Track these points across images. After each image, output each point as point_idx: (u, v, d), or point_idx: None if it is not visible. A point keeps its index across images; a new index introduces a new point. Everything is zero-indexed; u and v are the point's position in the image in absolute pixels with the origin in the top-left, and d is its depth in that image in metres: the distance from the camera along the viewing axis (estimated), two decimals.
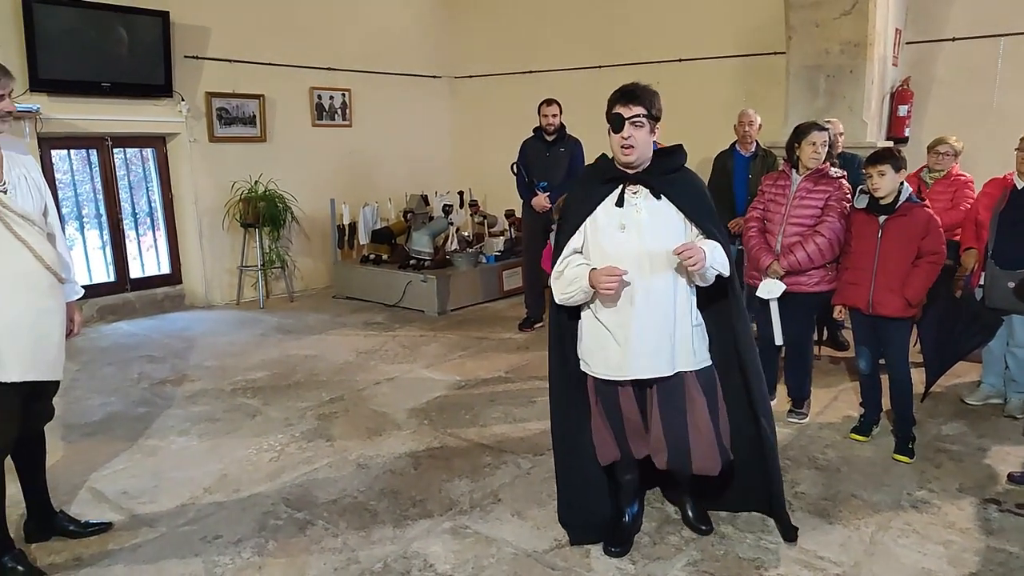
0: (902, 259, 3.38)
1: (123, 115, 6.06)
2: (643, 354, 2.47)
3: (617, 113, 2.40)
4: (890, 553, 2.74)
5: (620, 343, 2.49)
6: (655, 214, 2.46)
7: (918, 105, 6.01)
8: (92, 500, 3.18)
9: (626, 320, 2.47)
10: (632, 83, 2.45)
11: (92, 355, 5.25)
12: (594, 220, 2.49)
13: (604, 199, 2.48)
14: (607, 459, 2.71)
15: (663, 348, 2.48)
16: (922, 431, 3.77)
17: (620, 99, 2.41)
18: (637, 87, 2.43)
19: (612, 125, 2.41)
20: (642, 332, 2.46)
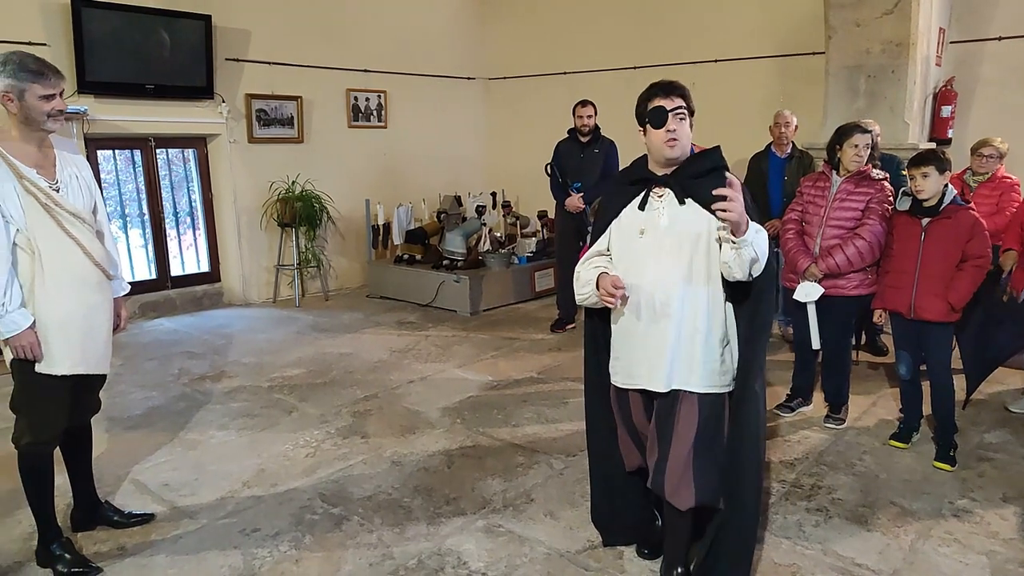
0: (946, 262, 3.32)
1: (166, 116, 6.21)
2: (644, 363, 2.37)
3: (659, 107, 2.25)
4: (930, 562, 2.68)
5: (629, 350, 2.43)
6: (676, 220, 2.29)
7: (962, 106, 5.87)
8: (135, 491, 3.27)
9: (633, 328, 2.39)
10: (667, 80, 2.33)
11: (135, 350, 5.39)
12: (619, 223, 2.41)
13: (631, 201, 2.39)
14: (632, 465, 2.64)
15: (660, 362, 2.32)
16: (964, 439, 3.69)
17: (659, 92, 2.28)
18: (672, 80, 2.32)
19: (653, 120, 2.25)
20: (645, 342, 2.35)
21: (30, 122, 2.44)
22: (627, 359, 2.44)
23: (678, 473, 2.33)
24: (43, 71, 2.44)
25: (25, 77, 2.39)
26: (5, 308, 2.39)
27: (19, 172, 2.41)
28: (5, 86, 2.39)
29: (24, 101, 2.40)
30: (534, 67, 8.33)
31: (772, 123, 5.19)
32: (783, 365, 4.75)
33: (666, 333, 2.31)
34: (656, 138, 2.27)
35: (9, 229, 2.40)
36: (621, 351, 2.47)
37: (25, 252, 2.45)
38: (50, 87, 2.43)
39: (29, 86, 2.39)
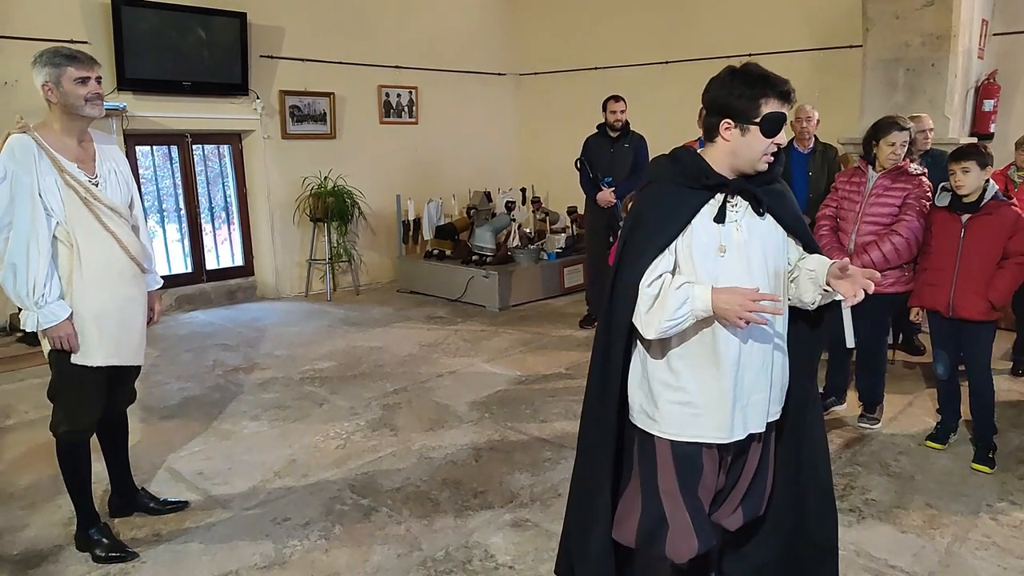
0: (986, 260, 3.23)
1: (202, 113, 6.31)
2: (752, 407, 1.95)
3: (782, 114, 1.84)
4: (967, 565, 2.62)
5: (722, 395, 1.91)
6: (754, 233, 1.92)
7: (1005, 100, 5.71)
8: (170, 480, 3.34)
9: (730, 367, 1.90)
10: (779, 76, 1.88)
11: (171, 342, 5.50)
12: (691, 237, 1.89)
13: (700, 211, 1.90)
14: (687, 553, 1.97)
15: (761, 406, 1.97)
16: (1004, 440, 3.59)
17: (779, 96, 1.84)
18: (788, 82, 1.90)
19: (769, 127, 1.83)
20: (755, 380, 1.94)
21: (69, 110, 2.50)
22: (722, 406, 1.91)
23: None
24: (76, 55, 2.50)
25: (60, 61, 2.46)
26: (44, 299, 2.45)
27: (60, 166, 2.47)
28: (44, 76, 2.46)
29: (62, 87, 2.46)
30: (564, 62, 8.30)
31: (793, 118, 5.10)
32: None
33: (768, 363, 1.96)
34: (760, 146, 1.85)
35: (50, 222, 2.46)
36: (698, 395, 1.91)
37: (64, 245, 2.51)
38: (84, 69, 2.49)
39: (65, 70, 2.45)
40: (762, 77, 1.84)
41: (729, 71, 1.88)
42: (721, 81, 1.88)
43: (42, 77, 2.47)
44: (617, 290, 1.95)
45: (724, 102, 1.86)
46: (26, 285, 2.44)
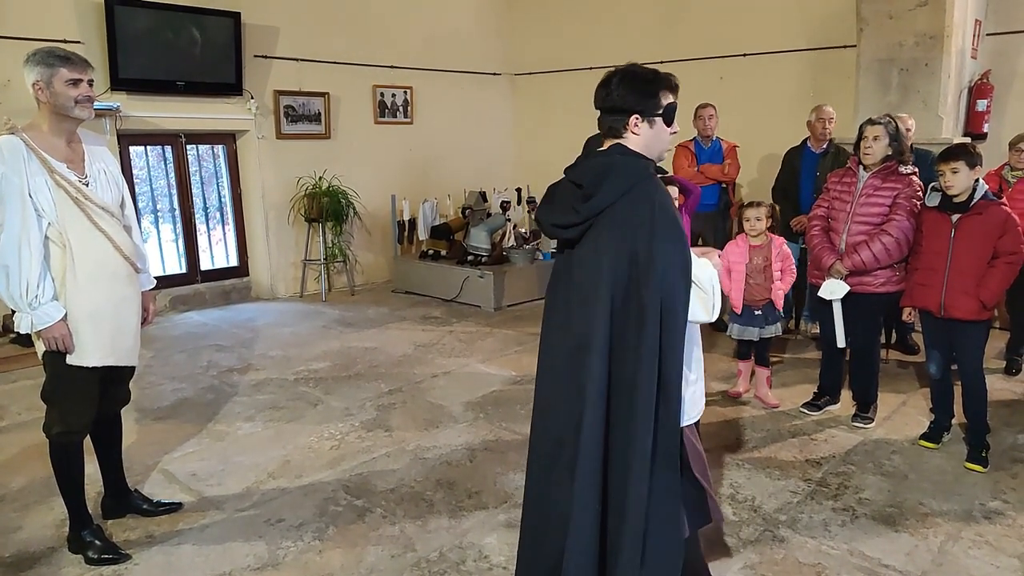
0: (976, 259, 3.24)
1: (196, 113, 6.30)
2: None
3: (676, 103, 2.05)
4: (959, 564, 2.63)
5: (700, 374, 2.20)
6: None
7: (998, 100, 5.74)
8: (164, 481, 3.33)
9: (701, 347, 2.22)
10: (670, 72, 2.07)
11: (165, 343, 5.49)
12: None
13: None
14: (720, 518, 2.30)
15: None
16: (998, 440, 3.61)
17: (676, 90, 2.06)
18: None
19: (670, 116, 2.04)
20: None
21: (59, 110, 2.49)
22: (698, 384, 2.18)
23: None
24: (70, 56, 2.50)
25: (53, 62, 2.46)
26: (38, 300, 2.45)
27: (50, 166, 2.46)
28: (36, 75, 2.46)
29: (53, 88, 2.46)
30: (559, 62, 8.30)
31: (814, 118, 5.08)
32: (810, 363, 4.69)
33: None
34: (665, 134, 2.05)
35: (41, 223, 2.45)
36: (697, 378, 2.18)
37: (56, 245, 2.50)
38: (77, 72, 2.48)
39: (57, 70, 2.45)
40: (655, 73, 2.02)
41: (620, 74, 2.01)
42: (617, 83, 2.00)
43: (33, 76, 2.46)
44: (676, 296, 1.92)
45: (627, 100, 1.99)
46: (19, 286, 2.43)
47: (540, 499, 2.13)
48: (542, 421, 2.15)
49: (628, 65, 2.04)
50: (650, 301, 1.88)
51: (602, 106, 2.04)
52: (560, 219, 2.03)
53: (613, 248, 1.92)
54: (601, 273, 1.93)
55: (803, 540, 2.79)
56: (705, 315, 2.00)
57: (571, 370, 2.01)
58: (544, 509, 2.11)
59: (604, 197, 1.92)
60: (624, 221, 1.92)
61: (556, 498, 2.04)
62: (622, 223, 1.92)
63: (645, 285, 1.89)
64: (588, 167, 2.02)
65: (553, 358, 2.12)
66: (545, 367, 2.16)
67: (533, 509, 2.17)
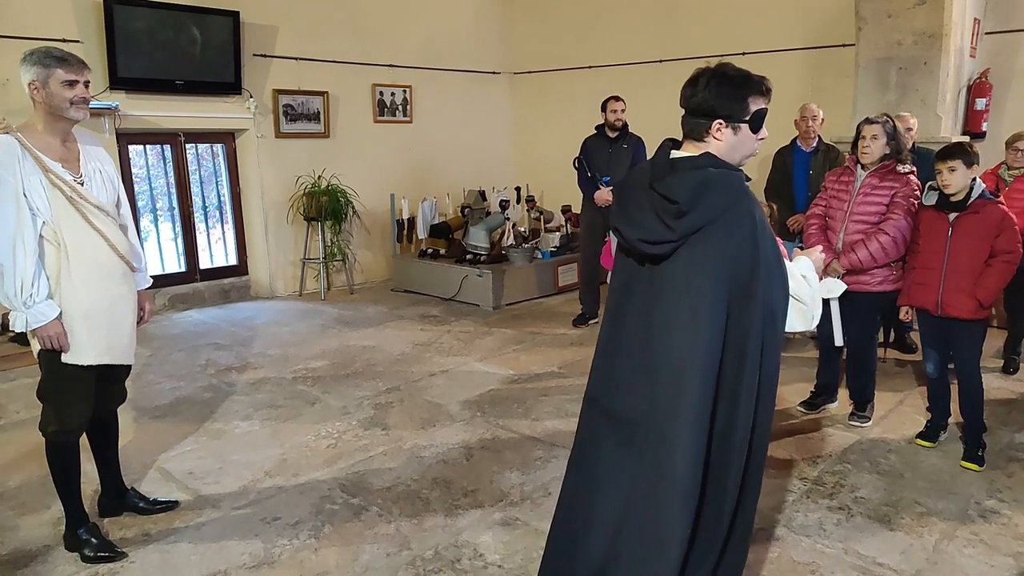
0: (974, 258, 3.24)
1: (195, 112, 6.30)
2: None
3: (765, 109, 1.97)
4: (954, 563, 2.63)
5: None
6: None
7: (997, 99, 5.73)
8: (161, 479, 3.34)
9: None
10: (757, 74, 1.99)
11: (163, 342, 5.50)
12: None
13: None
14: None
15: None
16: (994, 438, 3.61)
17: (767, 94, 1.96)
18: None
19: (757, 123, 1.95)
20: None
21: (54, 110, 2.49)
22: None
23: None
24: (67, 57, 2.50)
25: (50, 63, 2.46)
26: (33, 299, 2.45)
27: (45, 165, 2.46)
28: (32, 75, 2.46)
29: (48, 88, 2.46)
30: (559, 61, 8.30)
31: (798, 116, 5.10)
32: (808, 362, 4.69)
33: None
34: (750, 142, 1.96)
35: (36, 221, 2.46)
36: None
37: (51, 244, 2.50)
38: (73, 73, 2.48)
39: (53, 71, 2.45)
40: (745, 77, 1.92)
41: (709, 74, 1.92)
42: (704, 84, 1.92)
43: (30, 76, 2.47)
44: (777, 308, 1.92)
45: (712, 104, 1.90)
46: (14, 285, 2.43)
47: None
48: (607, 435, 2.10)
49: (719, 64, 1.94)
50: (754, 321, 1.85)
51: (686, 106, 1.95)
52: (649, 235, 1.86)
53: (714, 268, 1.83)
54: (701, 293, 1.83)
55: (798, 539, 2.80)
56: (803, 325, 2.02)
57: (651, 388, 1.92)
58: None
59: (703, 214, 1.81)
60: (725, 241, 1.83)
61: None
62: (722, 243, 1.83)
63: (747, 306, 1.85)
64: (682, 181, 1.86)
65: (623, 374, 2.04)
66: (608, 378, 2.10)
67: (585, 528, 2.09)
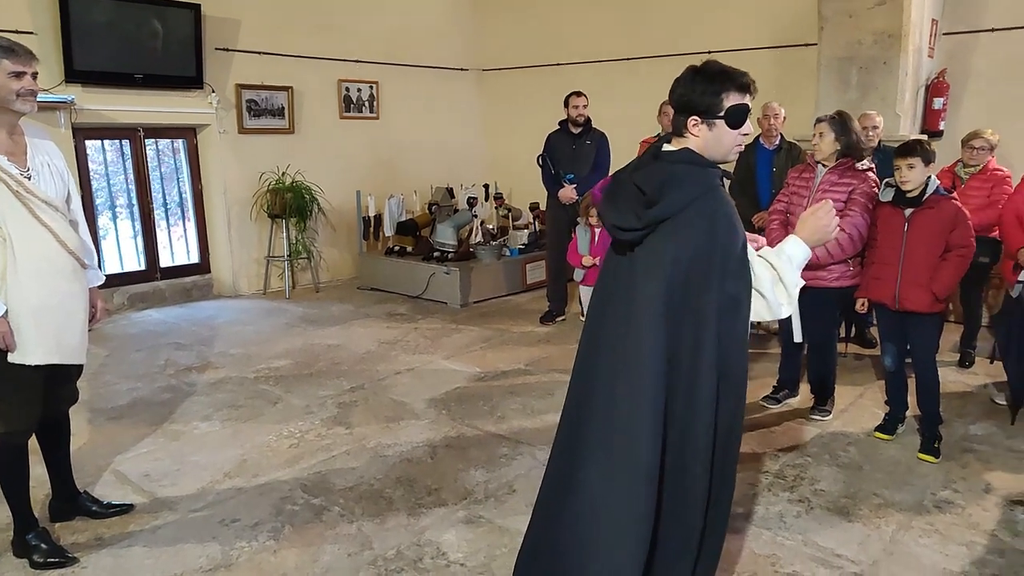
0: (929, 253, 3.30)
1: (155, 106, 6.17)
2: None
3: (745, 105, 1.97)
4: (910, 553, 2.68)
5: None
6: None
7: (954, 98, 5.85)
8: (115, 482, 3.25)
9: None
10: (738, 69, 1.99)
11: (121, 341, 5.37)
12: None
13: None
14: None
15: None
16: (950, 430, 3.68)
17: (740, 88, 1.95)
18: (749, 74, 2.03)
19: (734, 118, 1.94)
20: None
21: (0, 103, 2.41)
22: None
23: None
24: (14, 48, 2.42)
25: None
26: None
27: None
28: None
29: None
30: (527, 58, 8.29)
31: (760, 115, 5.15)
32: (771, 357, 4.74)
33: None
34: (728, 138, 1.97)
35: None
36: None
37: None
38: (21, 64, 2.40)
39: (0, 62, 2.37)
40: (721, 72, 1.95)
41: (691, 70, 1.98)
42: (684, 80, 1.98)
43: None
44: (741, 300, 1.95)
45: (688, 100, 1.96)
46: None
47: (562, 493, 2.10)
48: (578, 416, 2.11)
49: (705, 62, 1.99)
50: (708, 309, 1.89)
51: (671, 102, 2.02)
52: (622, 222, 1.96)
53: (672, 258, 1.89)
54: (659, 281, 1.89)
55: (759, 531, 2.82)
56: (768, 314, 2.01)
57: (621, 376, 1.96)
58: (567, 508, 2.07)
59: (667, 208, 1.88)
60: (686, 231, 1.89)
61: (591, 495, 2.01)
62: (685, 233, 1.89)
63: (704, 295, 1.89)
64: (653, 172, 1.96)
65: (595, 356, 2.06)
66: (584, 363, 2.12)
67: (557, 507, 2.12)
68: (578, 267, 4.51)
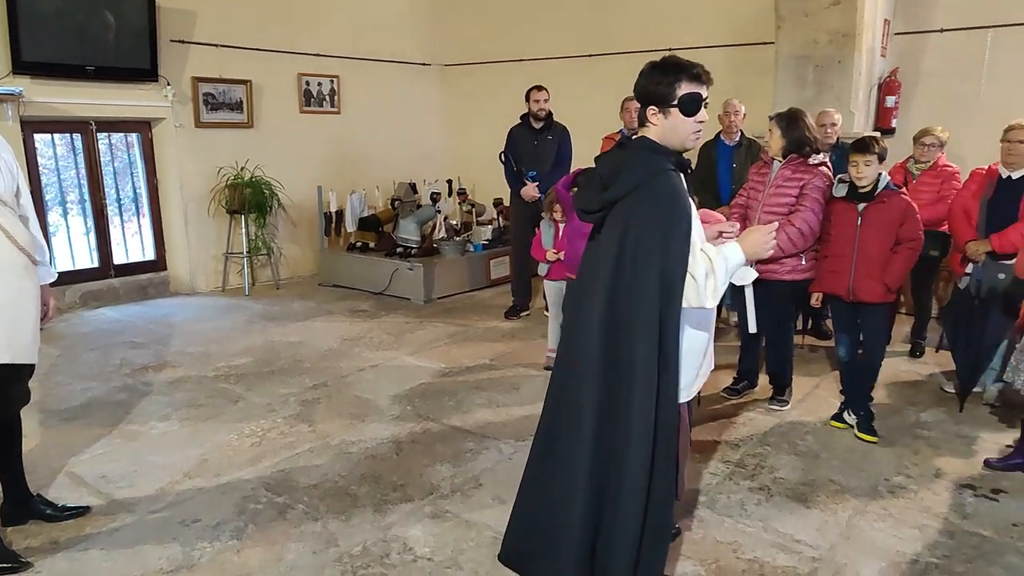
0: (881, 246, 3.41)
1: (108, 99, 6.00)
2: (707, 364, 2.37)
3: (697, 94, 2.07)
4: (865, 537, 2.76)
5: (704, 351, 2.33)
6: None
7: (905, 96, 6.02)
8: (70, 484, 3.16)
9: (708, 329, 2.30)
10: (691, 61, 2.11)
11: (74, 340, 5.22)
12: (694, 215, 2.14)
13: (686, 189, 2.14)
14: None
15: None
16: (901, 417, 3.81)
17: (695, 79, 2.06)
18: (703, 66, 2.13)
19: (688, 107, 2.05)
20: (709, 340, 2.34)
21: None
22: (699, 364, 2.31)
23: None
24: None
25: None
26: None
27: None
28: None
29: None
30: (489, 54, 8.27)
31: (721, 112, 5.24)
32: (730, 349, 4.82)
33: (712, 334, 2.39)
34: (683, 126, 2.08)
35: None
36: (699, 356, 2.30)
37: None
38: None
39: None
40: (675, 64, 2.10)
41: (649, 64, 2.13)
42: (644, 73, 2.12)
43: None
44: (674, 283, 2.03)
45: (647, 91, 2.11)
46: None
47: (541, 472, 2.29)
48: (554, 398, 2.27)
49: (665, 56, 2.13)
50: (647, 286, 2.01)
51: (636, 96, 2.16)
52: (584, 205, 2.19)
53: (618, 236, 2.05)
54: (607, 259, 2.06)
55: (721, 519, 2.88)
56: (695, 300, 2.07)
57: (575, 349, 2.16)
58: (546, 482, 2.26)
59: (617, 190, 2.05)
60: (630, 213, 2.04)
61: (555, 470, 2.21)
62: (628, 214, 2.04)
63: (646, 268, 2.01)
64: (609, 159, 2.16)
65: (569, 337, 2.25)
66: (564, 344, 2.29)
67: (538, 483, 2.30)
68: (542, 262, 4.53)
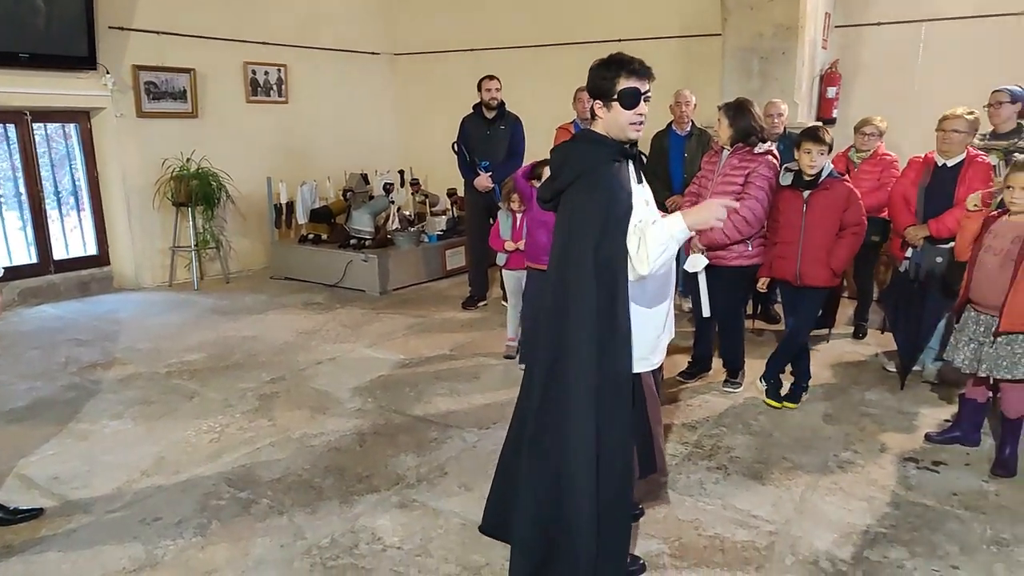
0: (826, 231, 3.56)
1: (43, 88, 5.75)
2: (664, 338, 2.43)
3: (635, 89, 2.17)
4: (818, 510, 2.89)
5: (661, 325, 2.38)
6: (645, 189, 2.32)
7: (845, 87, 6.24)
8: (21, 486, 3.06)
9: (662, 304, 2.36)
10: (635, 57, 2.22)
11: (14, 339, 5.02)
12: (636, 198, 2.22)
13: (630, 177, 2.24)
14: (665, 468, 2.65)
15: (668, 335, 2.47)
16: (847, 396, 3.99)
17: (634, 74, 2.17)
18: (644, 62, 2.22)
19: (626, 100, 2.16)
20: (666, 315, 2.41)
21: None
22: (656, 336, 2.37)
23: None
24: None
25: None
26: None
27: None
28: None
29: None
30: (440, 43, 8.23)
31: (673, 102, 5.34)
32: (685, 335, 4.94)
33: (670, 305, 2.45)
34: (623, 118, 2.19)
35: None
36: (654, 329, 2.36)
37: None
38: None
39: None
40: (616, 60, 2.21)
41: (596, 61, 2.24)
42: (591, 69, 2.25)
43: None
44: (614, 260, 2.15)
45: (593, 85, 2.24)
46: None
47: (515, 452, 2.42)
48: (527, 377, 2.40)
49: (611, 53, 2.24)
50: (583, 267, 2.14)
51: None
52: (541, 194, 2.40)
53: (564, 224, 2.22)
54: (556, 246, 2.25)
55: (682, 499, 2.97)
56: (633, 274, 2.17)
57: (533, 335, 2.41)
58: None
59: (563, 180, 2.23)
60: (573, 200, 2.21)
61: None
62: (571, 202, 2.21)
63: (580, 255, 2.15)
64: (559, 151, 2.34)
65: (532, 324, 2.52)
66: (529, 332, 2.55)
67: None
68: (501, 251, 4.55)
